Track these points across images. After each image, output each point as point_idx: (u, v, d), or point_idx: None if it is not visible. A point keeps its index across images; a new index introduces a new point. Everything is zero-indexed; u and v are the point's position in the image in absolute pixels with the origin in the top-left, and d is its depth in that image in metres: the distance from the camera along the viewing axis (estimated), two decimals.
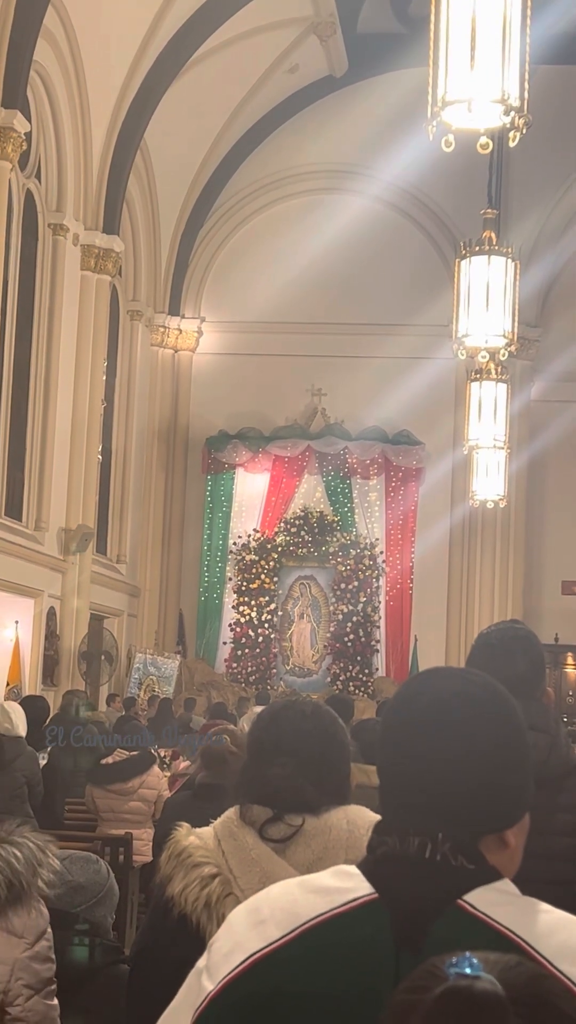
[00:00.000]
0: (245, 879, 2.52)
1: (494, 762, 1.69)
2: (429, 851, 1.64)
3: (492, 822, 1.68)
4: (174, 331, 24.19)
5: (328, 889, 1.69)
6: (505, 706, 1.75)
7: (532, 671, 3.20)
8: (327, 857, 2.53)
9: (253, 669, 23.05)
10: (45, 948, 2.85)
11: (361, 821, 2.59)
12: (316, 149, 23.60)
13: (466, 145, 7.60)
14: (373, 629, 23.13)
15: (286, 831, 2.55)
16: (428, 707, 1.72)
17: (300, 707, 2.76)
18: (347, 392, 23.48)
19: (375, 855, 1.70)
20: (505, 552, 23.33)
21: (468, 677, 1.78)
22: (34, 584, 18.76)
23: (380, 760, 1.76)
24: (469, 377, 17.58)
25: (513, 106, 7.49)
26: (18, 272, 18.63)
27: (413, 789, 1.69)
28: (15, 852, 2.83)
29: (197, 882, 2.56)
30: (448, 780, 1.67)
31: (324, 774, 2.65)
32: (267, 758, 2.65)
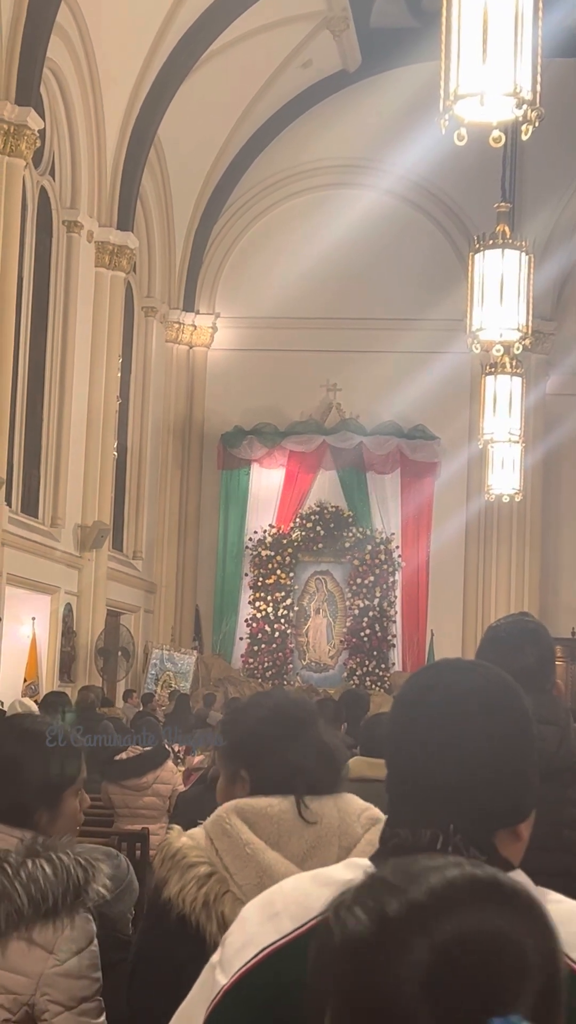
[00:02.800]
0: (241, 875, 2.53)
1: (506, 756, 1.69)
2: (441, 842, 1.64)
3: (505, 816, 1.68)
4: (189, 327, 24.20)
5: (340, 881, 1.68)
6: (517, 700, 1.76)
7: (541, 664, 3.20)
8: (320, 846, 2.55)
9: (270, 664, 23.07)
10: (83, 966, 2.82)
11: (351, 809, 2.61)
12: (329, 144, 23.57)
13: (479, 139, 7.59)
14: (389, 624, 23.12)
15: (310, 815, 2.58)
16: (439, 701, 1.72)
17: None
18: (362, 387, 23.46)
19: (387, 847, 1.71)
20: (521, 546, 23.30)
21: (479, 671, 1.79)
22: (51, 581, 18.81)
23: (390, 753, 1.76)
24: (484, 371, 17.55)
25: (525, 99, 7.48)
26: (33, 269, 18.68)
27: (424, 783, 1.69)
28: (44, 867, 2.82)
29: (194, 882, 2.56)
30: (460, 774, 1.67)
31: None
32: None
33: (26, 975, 2.80)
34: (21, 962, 2.80)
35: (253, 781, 2.65)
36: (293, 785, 2.60)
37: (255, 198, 24.36)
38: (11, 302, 16.58)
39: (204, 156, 22.90)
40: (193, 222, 23.68)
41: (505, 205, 14.08)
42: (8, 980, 2.81)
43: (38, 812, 2.97)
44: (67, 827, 3.01)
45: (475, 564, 23.42)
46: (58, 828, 2.99)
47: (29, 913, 2.77)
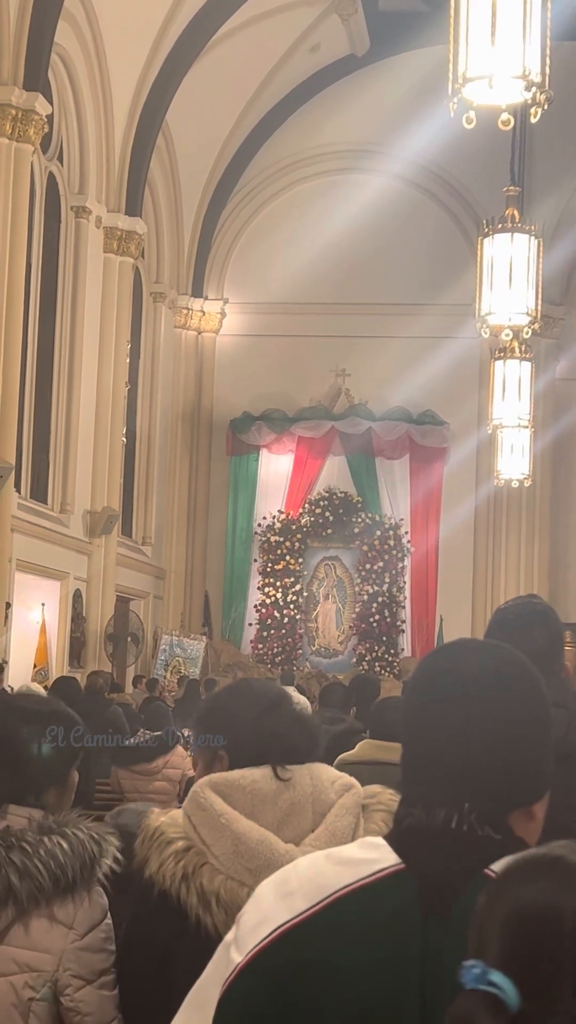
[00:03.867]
0: (218, 845, 2.57)
1: (521, 736, 1.70)
2: (455, 821, 1.65)
3: (520, 796, 1.69)
4: (197, 313, 24.18)
5: (355, 860, 1.70)
6: (532, 681, 1.76)
7: (550, 646, 3.20)
8: (294, 813, 2.60)
9: (279, 650, 23.09)
10: (100, 939, 2.89)
11: (324, 776, 2.66)
12: (338, 128, 23.51)
13: (488, 122, 7.57)
14: (398, 609, 23.13)
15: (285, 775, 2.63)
16: (456, 680, 1.73)
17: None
18: (371, 372, 23.44)
19: (401, 826, 1.71)
20: (530, 531, 23.29)
21: (496, 650, 1.79)
22: (60, 566, 18.84)
23: (405, 734, 1.77)
24: (493, 356, 17.54)
25: (534, 82, 7.47)
26: (41, 255, 18.67)
27: (439, 763, 1.69)
28: (61, 843, 2.87)
29: (172, 857, 2.61)
30: (476, 753, 1.67)
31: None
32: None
33: (49, 951, 2.85)
34: (44, 939, 2.85)
35: (230, 758, 2.69)
36: (269, 754, 2.64)
37: (263, 183, 24.32)
38: (19, 288, 16.57)
39: (212, 141, 22.85)
40: (201, 207, 23.64)
41: (514, 189, 14.07)
42: (31, 958, 2.86)
43: (49, 790, 3.02)
44: (69, 802, 3.06)
45: (484, 549, 23.41)
46: (64, 803, 3.05)
47: (49, 889, 2.82)
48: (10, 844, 2.86)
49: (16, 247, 16.43)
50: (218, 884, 2.56)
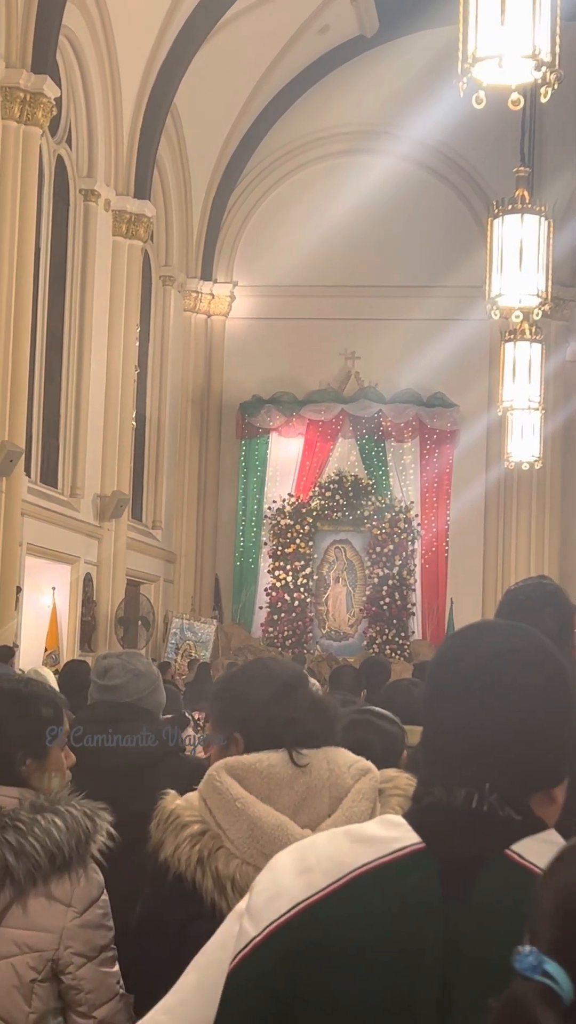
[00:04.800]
0: (233, 829, 2.57)
1: (543, 718, 1.69)
2: (476, 801, 1.65)
3: (542, 778, 1.69)
4: (207, 296, 24.15)
5: (374, 838, 1.70)
6: (554, 663, 1.76)
7: (560, 626, 3.19)
8: (311, 797, 2.59)
9: (289, 633, 23.10)
10: (98, 915, 2.89)
11: (341, 760, 2.65)
12: (347, 110, 23.44)
13: (498, 102, 7.54)
14: (409, 592, 23.12)
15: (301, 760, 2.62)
16: (477, 665, 1.73)
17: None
18: (380, 355, 23.40)
19: (421, 805, 1.71)
20: (541, 514, 23.25)
21: (517, 633, 1.79)
22: (71, 551, 18.85)
23: (426, 716, 1.77)
24: (503, 338, 17.47)
25: (544, 61, 7.43)
26: (50, 239, 18.65)
27: (461, 744, 1.69)
28: (55, 820, 2.86)
29: (187, 841, 2.61)
30: (497, 736, 1.67)
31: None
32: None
33: (48, 930, 2.85)
34: (43, 918, 2.85)
35: (246, 741, 2.68)
36: (285, 738, 2.63)
37: (272, 165, 24.25)
38: (28, 272, 16.56)
39: (221, 123, 22.79)
40: (210, 190, 23.59)
41: (524, 169, 14.01)
42: (31, 938, 2.85)
43: (25, 763, 3.00)
44: (63, 781, 3.05)
45: (494, 532, 23.38)
46: (48, 781, 3.03)
47: (46, 867, 2.82)
48: (3, 824, 2.85)
49: (25, 231, 16.41)
50: (233, 868, 2.56)
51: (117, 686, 4.26)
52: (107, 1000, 2.89)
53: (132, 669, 4.31)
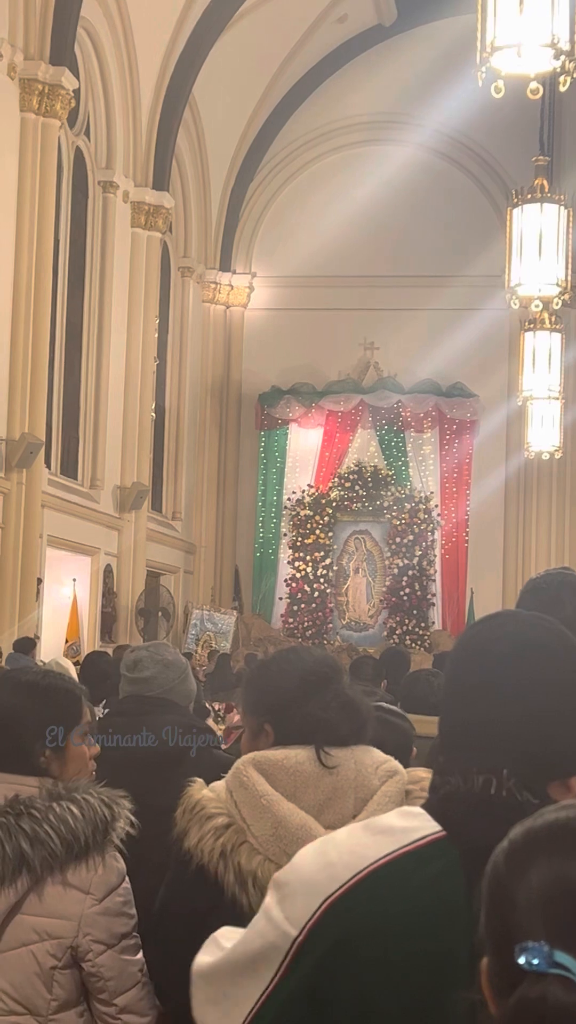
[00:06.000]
0: (257, 826, 2.56)
1: (561, 709, 1.70)
2: (495, 787, 1.66)
3: (560, 766, 1.69)
4: (225, 287, 24.14)
5: (394, 829, 1.71)
6: (570, 651, 1.76)
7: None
8: (336, 797, 2.58)
9: (309, 624, 23.11)
10: (119, 903, 2.89)
11: (368, 761, 2.63)
12: (366, 99, 23.38)
13: (516, 91, 7.52)
14: (429, 583, 23.10)
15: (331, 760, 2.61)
16: (497, 656, 1.74)
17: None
18: (399, 345, 23.36)
19: (439, 794, 1.72)
20: (561, 503, 23.19)
21: (542, 624, 1.80)
22: (91, 542, 18.89)
23: (446, 704, 1.79)
24: (523, 327, 17.44)
25: (563, 50, 7.40)
26: (69, 230, 18.66)
27: (480, 732, 1.70)
28: (71, 808, 2.87)
29: (211, 833, 2.61)
30: (516, 723, 1.68)
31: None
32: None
33: (66, 918, 2.85)
34: (60, 905, 2.85)
35: (276, 734, 2.67)
36: (315, 737, 2.62)
37: (291, 155, 24.22)
38: (48, 264, 16.58)
39: (239, 114, 22.77)
40: (229, 181, 23.57)
41: (543, 158, 13.97)
42: (50, 926, 2.86)
43: (42, 754, 3.01)
44: (77, 771, 3.05)
45: (515, 522, 23.34)
46: (69, 772, 3.03)
47: (63, 854, 2.82)
48: (19, 812, 2.86)
49: (44, 223, 16.44)
50: (256, 865, 2.55)
51: (147, 678, 4.28)
52: (129, 987, 2.90)
53: (161, 660, 4.34)
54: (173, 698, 4.28)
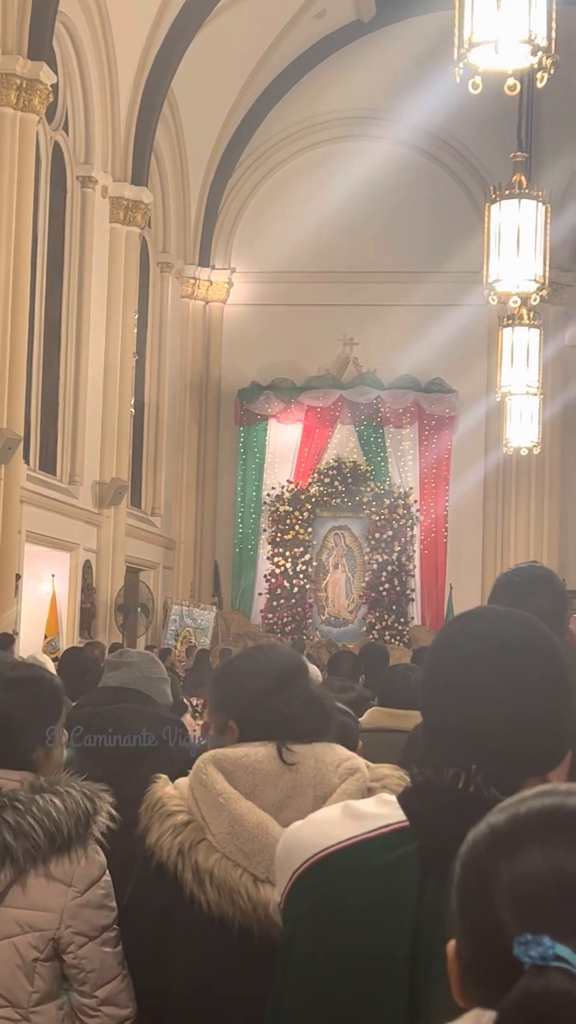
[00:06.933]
0: (215, 824, 2.57)
1: (532, 701, 1.71)
2: (463, 782, 1.67)
3: (534, 762, 1.70)
4: (204, 282, 24.12)
5: (366, 815, 1.75)
6: (546, 647, 1.77)
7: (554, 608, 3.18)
8: (295, 795, 2.59)
9: (289, 619, 23.13)
10: (100, 895, 2.91)
11: (329, 759, 2.63)
12: (344, 95, 23.38)
13: (495, 87, 7.52)
14: (408, 578, 23.14)
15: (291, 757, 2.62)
16: (472, 653, 1.75)
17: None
18: (379, 341, 23.38)
19: (413, 785, 1.75)
20: (540, 499, 23.26)
21: (511, 617, 1.81)
22: (70, 538, 18.86)
23: (422, 699, 1.81)
24: (501, 323, 17.46)
25: (540, 46, 7.41)
26: (47, 225, 18.63)
27: (455, 730, 1.72)
28: (54, 800, 2.88)
29: (170, 830, 2.61)
30: (484, 717, 1.70)
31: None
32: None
33: (49, 910, 2.87)
34: (42, 898, 2.87)
35: (241, 731, 2.68)
36: (278, 733, 2.63)
37: (269, 151, 24.21)
38: (26, 258, 16.54)
39: (218, 109, 22.74)
40: (208, 176, 23.55)
41: (521, 154, 13.97)
42: (32, 918, 2.87)
43: (35, 751, 3.03)
44: (57, 764, 3.08)
45: (493, 517, 23.40)
46: (52, 764, 3.07)
47: (45, 846, 2.84)
48: (3, 804, 2.88)
49: (22, 217, 16.39)
50: (213, 863, 2.55)
51: (131, 663, 4.36)
52: (110, 979, 2.91)
53: (148, 656, 4.47)
54: (150, 692, 4.30)
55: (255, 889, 2.51)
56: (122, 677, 4.33)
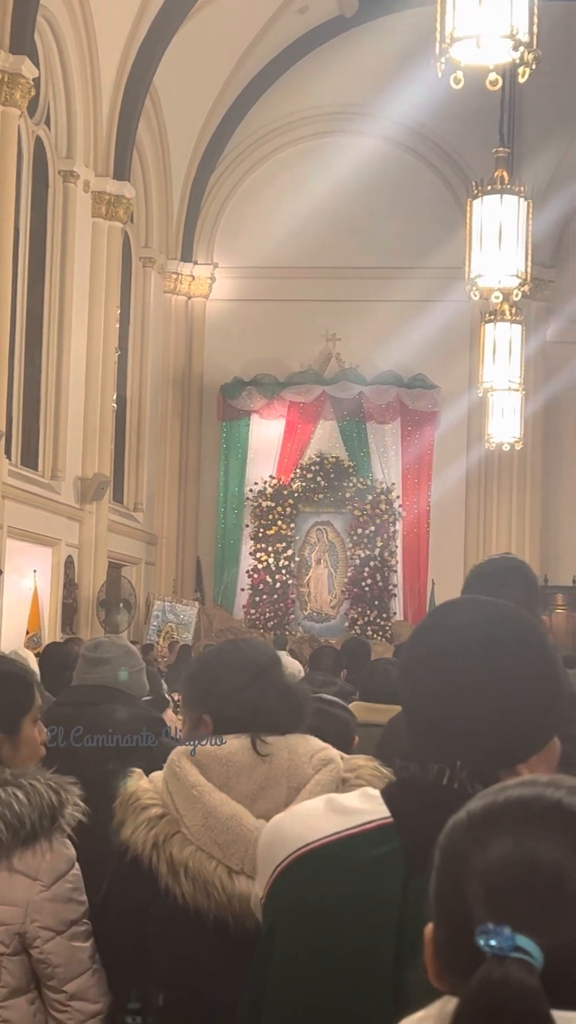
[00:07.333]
0: (189, 816, 2.57)
1: (512, 691, 1.70)
2: (447, 778, 1.67)
3: (504, 755, 1.69)
4: (187, 278, 24.09)
5: (349, 810, 1.73)
6: (525, 636, 1.76)
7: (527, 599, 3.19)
8: (269, 786, 2.59)
9: (271, 615, 23.13)
10: (67, 889, 2.88)
11: (303, 749, 2.63)
12: (327, 90, 23.36)
13: (477, 82, 7.53)
14: (390, 573, 23.16)
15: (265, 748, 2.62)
16: (441, 638, 1.75)
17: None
18: (361, 336, 23.38)
19: (398, 780, 1.74)
20: (522, 494, 23.30)
21: (483, 607, 1.80)
22: (52, 533, 18.83)
23: (402, 692, 1.80)
24: (483, 319, 17.47)
25: (522, 41, 7.42)
26: (29, 220, 18.56)
27: (431, 719, 1.72)
28: (16, 793, 2.85)
29: (145, 824, 2.61)
30: (464, 710, 1.68)
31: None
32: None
33: (13, 904, 2.84)
34: (7, 891, 2.84)
35: (215, 724, 2.68)
36: (252, 724, 2.63)
37: (252, 146, 24.18)
38: (8, 254, 16.49)
39: (200, 104, 22.70)
40: (190, 171, 23.51)
41: (503, 150, 13.98)
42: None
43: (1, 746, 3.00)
44: (29, 755, 3.05)
45: (476, 513, 23.43)
46: (21, 757, 3.03)
47: (8, 840, 2.81)
48: None
49: (4, 212, 16.35)
50: (187, 855, 2.55)
51: (107, 659, 4.34)
52: (79, 974, 2.89)
53: (123, 647, 4.48)
54: (126, 687, 4.29)
55: (230, 881, 2.51)
56: (101, 674, 4.32)
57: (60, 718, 4.12)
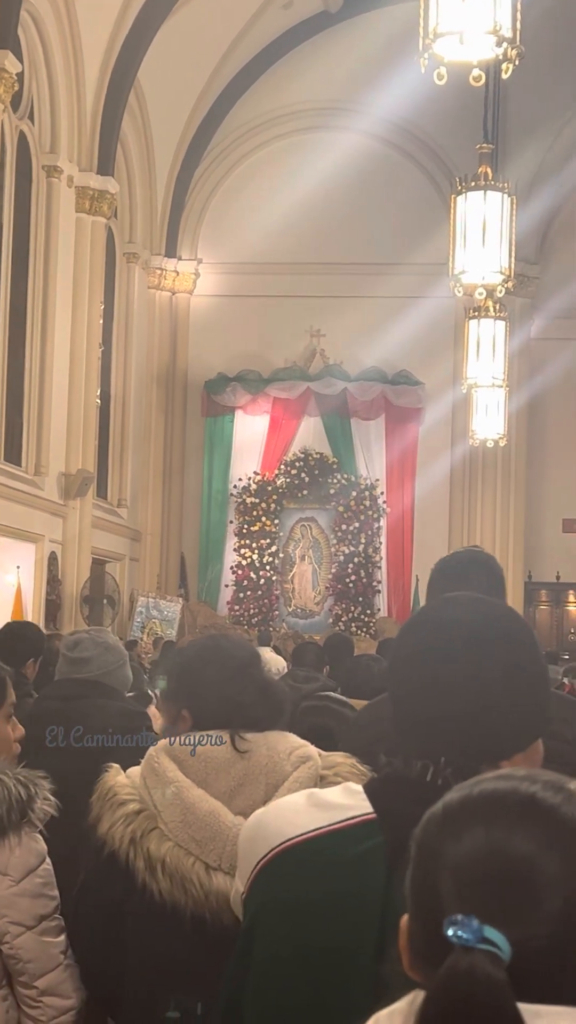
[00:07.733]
0: (167, 812, 2.56)
1: (490, 688, 1.69)
2: (431, 774, 1.66)
3: (485, 752, 1.69)
4: (171, 273, 24.05)
5: (332, 805, 1.73)
6: (509, 633, 1.76)
7: (489, 593, 3.19)
8: (247, 783, 2.59)
9: (255, 611, 23.12)
10: (37, 884, 2.86)
11: (281, 747, 2.63)
12: (311, 86, 23.34)
13: (461, 78, 7.53)
14: (374, 570, 23.17)
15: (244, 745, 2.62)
16: (428, 635, 1.74)
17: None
18: (346, 332, 23.38)
19: (381, 776, 1.73)
20: (506, 491, 23.32)
21: (467, 604, 1.80)
22: (35, 529, 18.79)
23: (389, 688, 1.80)
24: (468, 315, 17.50)
25: (505, 37, 7.43)
26: (12, 215, 18.51)
27: (416, 715, 1.71)
28: None
29: (122, 819, 2.60)
30: (447, 706, 1.68)
31: None
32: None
33: None
34: None
35: (194, 719, 2.68)
36: (231, 721, 2.63)
37: (236, 142, 24.15)
38: None
39: (185, 99, 22.67)
40: (174, 166, 23.48)
41: (487, 146, 14.01)
42: None
43: None
44: (2, 751, 3.03)
45: (460, 509, 23.44)
46: None
47: None
48: None
49: None
50: (165, 851, 2.54)
51: (87, 659, 4.30)
52: (50, 970, 2.86)
53: (101, 643, 4.38)
54: (110, 682, 4.28)
55: (207, 877, 2.50)
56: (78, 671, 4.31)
57: (46, 712, 4.11)
